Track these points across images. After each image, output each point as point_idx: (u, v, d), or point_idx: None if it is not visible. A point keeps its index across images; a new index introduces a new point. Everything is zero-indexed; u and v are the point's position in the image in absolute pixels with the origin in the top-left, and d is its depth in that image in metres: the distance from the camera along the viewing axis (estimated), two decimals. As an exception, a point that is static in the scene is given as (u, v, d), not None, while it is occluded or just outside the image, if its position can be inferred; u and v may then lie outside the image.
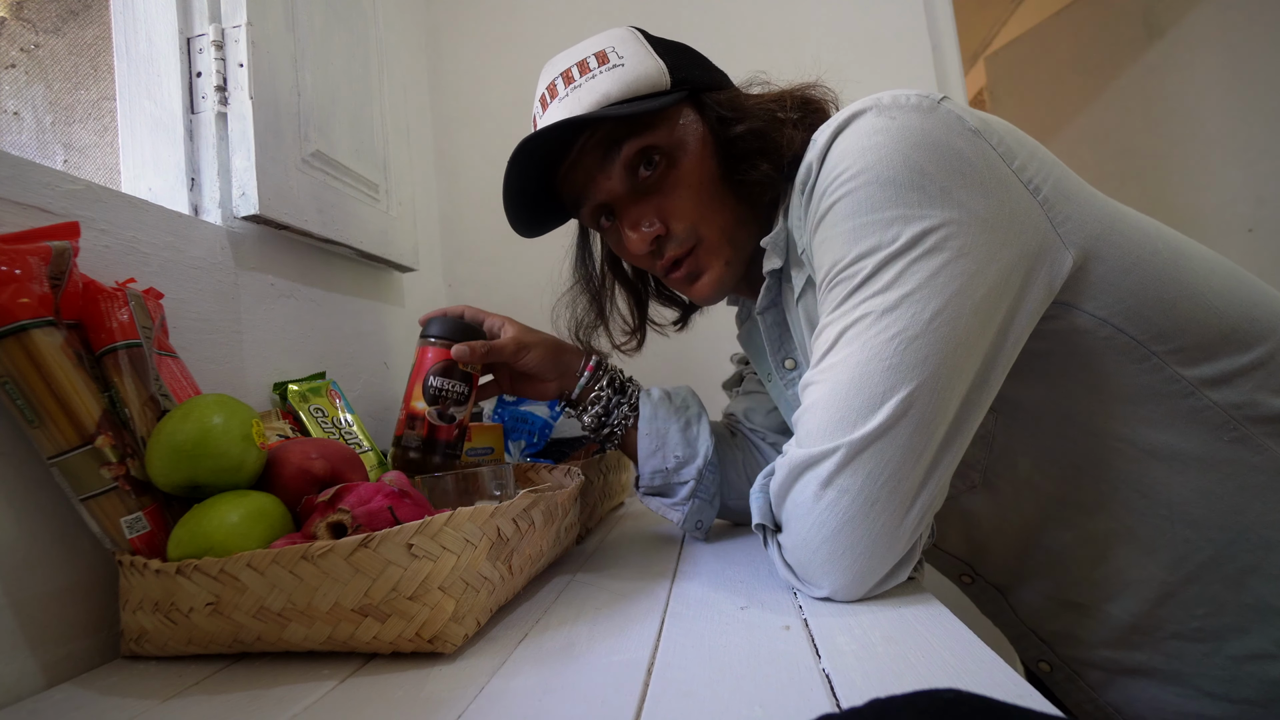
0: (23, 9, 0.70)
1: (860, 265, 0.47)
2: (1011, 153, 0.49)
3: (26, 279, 0.45)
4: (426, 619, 0.42)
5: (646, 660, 0.40)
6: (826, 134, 0.52)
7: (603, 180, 0.61)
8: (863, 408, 0.45)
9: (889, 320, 0.45)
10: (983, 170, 0.48)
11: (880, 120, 0.49)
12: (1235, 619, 0.51)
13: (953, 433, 0.46)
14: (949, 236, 0.46)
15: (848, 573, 0.46)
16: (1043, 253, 0.49)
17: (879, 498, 0.45)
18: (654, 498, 0.71)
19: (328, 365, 0.87)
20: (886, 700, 0.24)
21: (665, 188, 0.61)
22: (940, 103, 0.50)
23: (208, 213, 0.74)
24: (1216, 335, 0.50)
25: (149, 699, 0.41)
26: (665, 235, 0.61)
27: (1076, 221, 0.50)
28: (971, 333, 0.46)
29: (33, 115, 0.69)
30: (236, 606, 0.44)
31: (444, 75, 1.39)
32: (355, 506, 0.48)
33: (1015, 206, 0.48)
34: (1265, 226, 1.74)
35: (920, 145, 0.47)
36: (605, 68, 0.59)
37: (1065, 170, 0.53)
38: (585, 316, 0.76)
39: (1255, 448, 0.49)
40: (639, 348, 0.78)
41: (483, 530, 0.46)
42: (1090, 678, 0.59)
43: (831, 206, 0.49)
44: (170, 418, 0.49)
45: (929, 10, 1.28)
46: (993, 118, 0.51)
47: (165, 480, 0.48)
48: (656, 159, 0.60)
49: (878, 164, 0.47)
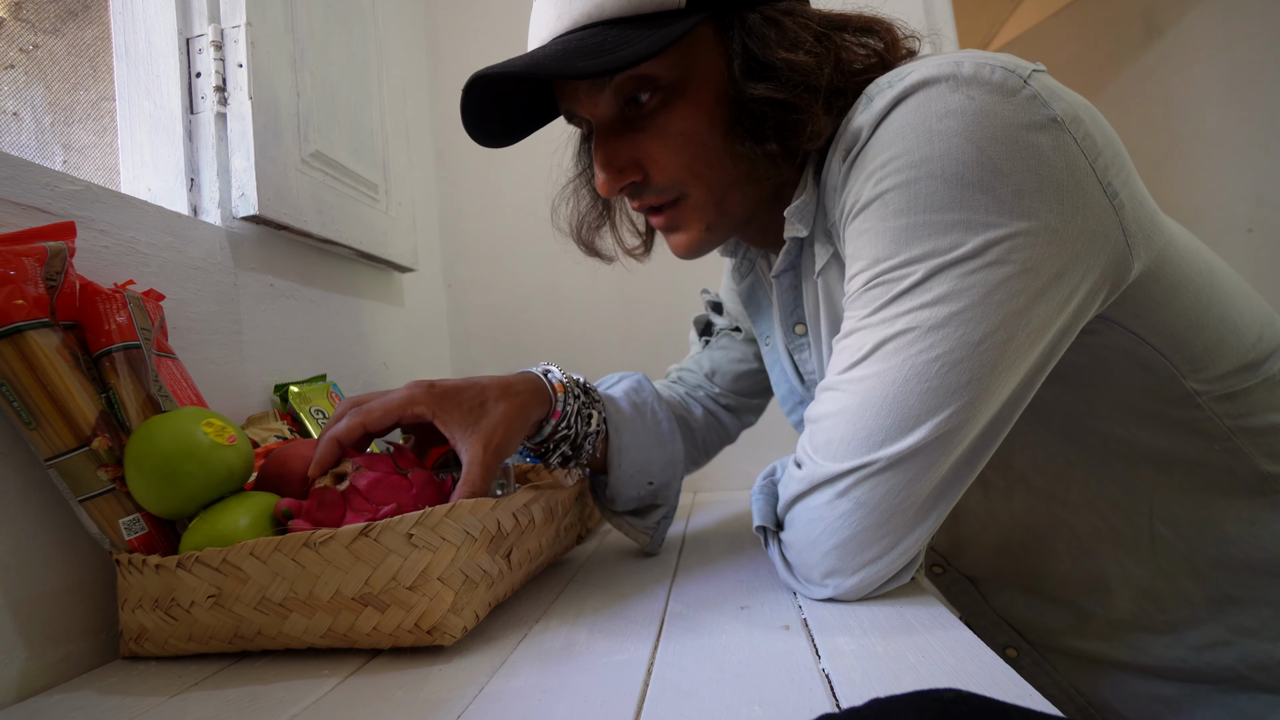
0: (22, 9, 0.70)
1: (909, 270, 0.42)
2: (1096, 149, 0.43)
3: (21, 280, 0.45)
4: (425, 609, 0.43)
5: (646, 660, 0.40)
6: (887, 97, 0.44)
7: (586, 99, 0.52)
8: (893, 429, 0.42)
9: (934, 339, 0.41)
10: (1061, 172, 0.41)
11: (956, 97, 0.41)
12: (1197, 611, 0.53)
13: (978, 448, 0.44)
14: (1015, 250, 0.41)
15: (852, 578, 0.45)
16: (1111, 266, 0.44)
17: (896, 511, 0.43)
18: (624, 516, 0.64)
19: (327, 365, 0.87)
20: (886, 700, 0.24)
21: (653, 127, 0.51)
22: (1028, 79, 0.42)
23: (207, 213, 0.74)
24: (1236, 355, 0.50)
25: (149, 699, 0.41)
26: (643, 182, 0.53)
27: (1145, 233, 0.45)
28: (1020, 354, 0.42)
29: (32, 116, 0.69)
30: (238, 598, 0.44)
31: (444, 75, 1.39)
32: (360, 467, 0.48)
33: (1091, 215, 0.42)
34: (1265, 226, 1.74)
35: (998, 138, 0.41)
36: None
37: (1135, 172, 0.47)
38: (589, 214, 0.66)
39: (1240, 456, 0.50)
40: (647, 252, 0.69)
41: (483, 523, 0.46)
42: (1056, 662, 0.61)
43: (882, 195, 0.43)
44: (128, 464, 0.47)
45: (929, 10, 1.28)
46: (1080, 102, 0.44)
47: (171, 510, 0.48)
48: (650, 91, 0.50)
49: (945, 154, 0.41)
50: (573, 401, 0.57)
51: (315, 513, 0.47)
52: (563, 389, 0.57)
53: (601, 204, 0.66)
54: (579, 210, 0.66)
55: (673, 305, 1.24)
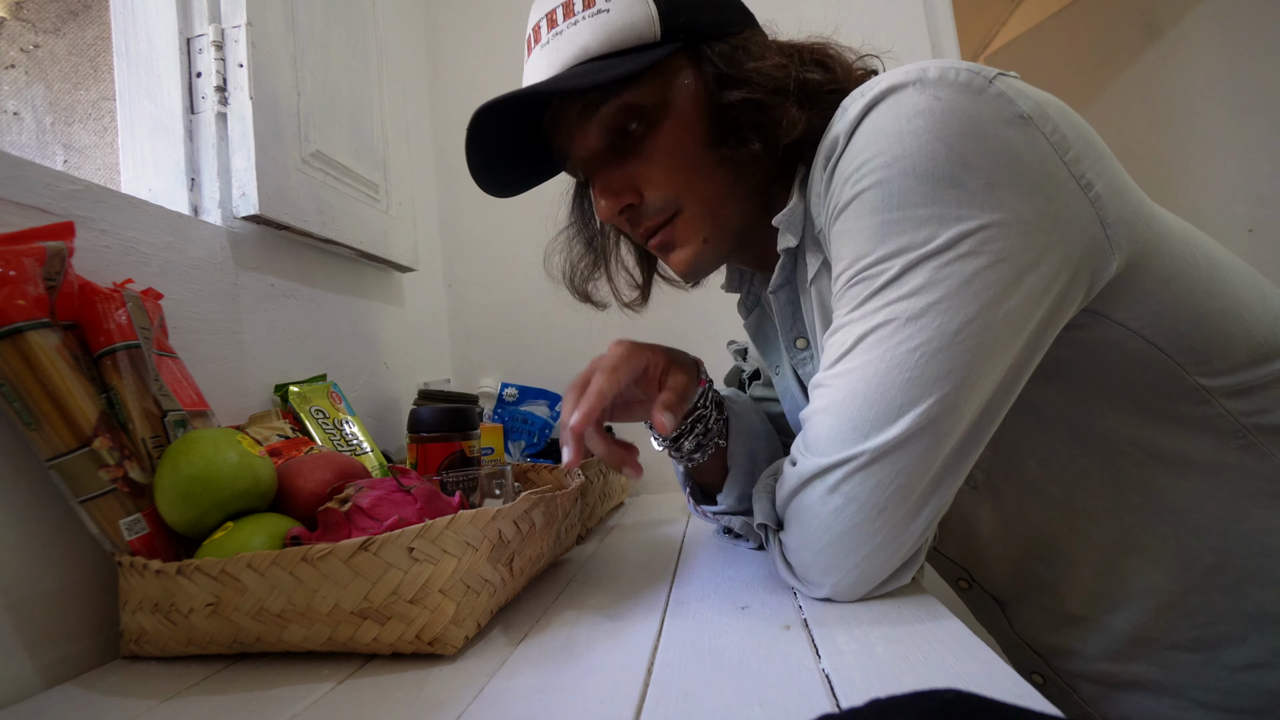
0: (23, 9, 0.70)
1: (886, 265, 0.43)
2: (1066, 143, 0.44)
3: (21, 280, 0.45)
4: (427, 622, 0.42)
5: (646, 660, 0.40)
6: (859, 105, 0.46)
7: (580, 138, 0.56)
8: (877, 420, 0.43)
9: (913, 329, 0.42)
10: (1032, 165, 0.43)
11: (923, 99, 0.43)
12: (1232, 628, 0.51)
13: (967, 442, 0.44)
14: (987, 240, 0.42)
15: (850, 575, 0.45)
16: (1088, 257, 0.44)
17: (886, 506, 0.43)
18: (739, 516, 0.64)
19: (328, 365, 0.87)
20: (886, 700, 0.24)
21: (643, 152, 0.54)
22: (993, 81, 0.44)
23: (207, 213, 0.74)
24: (1243, 348, 0.48)
25: (149, 699, 0.41)
26: (639, 204, 0.56)
27: (1128, 224, 0.46)
28: (1000, 344, 0.43)
29: (32, 115, 0.69)
30: (236, 607, 0.44)
31: (444, 75, 1.39)
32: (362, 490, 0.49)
33: (1064, 206, 0.43)
34: (1265, 226, 1.74)
35: (966, 133, 0.42)
36: (589, 12, 0.52)
37: (1118, 164, 0.48)
38: (581, 262, 0.69)
39: (1261, 455, 0.48)
40: (644, 301, 0.71)
41: (484, 533, 0.46)
42: (1085, 691, 0.58)
43: (858, 195, 0.45)
44: (163, 471, 0.49)
45: (929, 10, 1.28)
46: (1049, 98, 0.46)
47: (193, 524, 0.49)
48: (637, 120, 0.54)
49: (916, 152, 0.42)
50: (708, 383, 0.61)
51: (322, 537, 0.47)
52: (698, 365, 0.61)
53: (594, 252, 0.68)
54: (571, 259, 0.69)
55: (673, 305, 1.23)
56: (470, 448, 0.74)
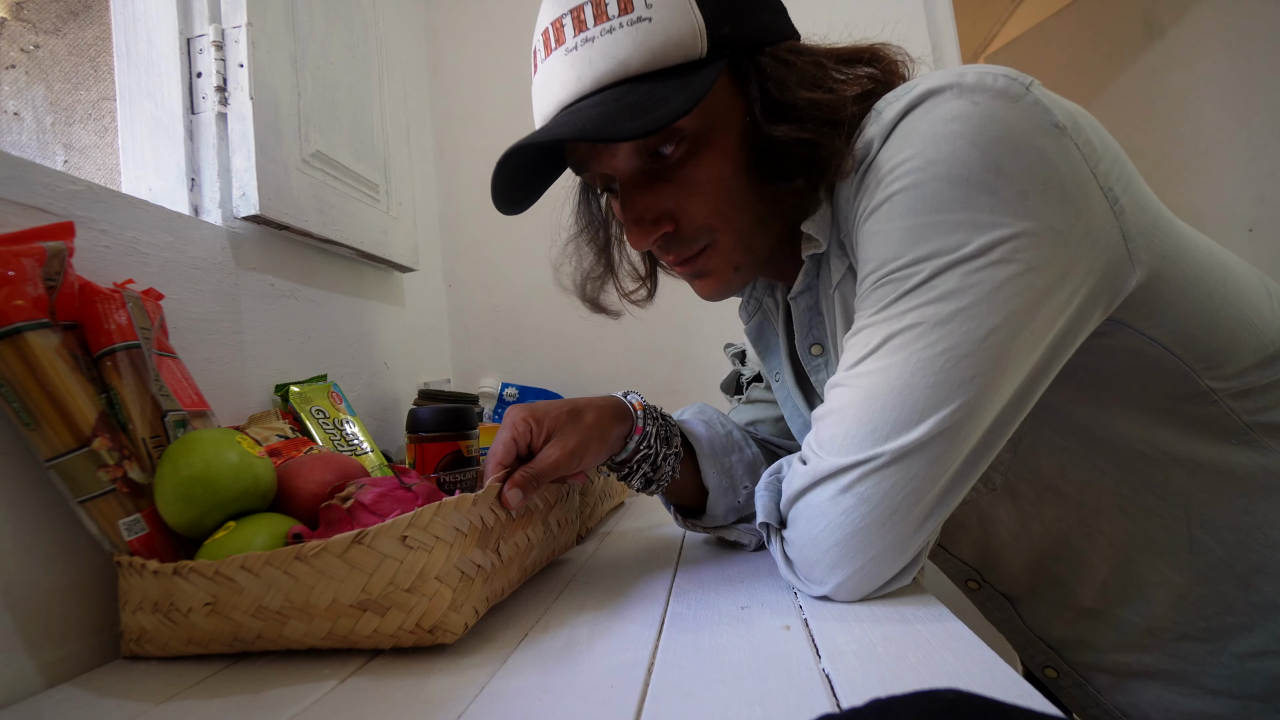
0: (23, 9, 0.70)
1: (916, 269, 0.43)
2: (1096, 155, 0.44)
3: (21, 281, 0.45)
4: (426, 609, 0.43)
5: (646, 660, 0.40)
6: (895, 109, 0.45)
7: (609, 158, 0.52)
8: (897, 423, 0.42)
9: (940, 334, 0.42)
10: (1065, 175, 0.43)
11: (961, 104, 0.43)
12: (1241, 618, 0.52)
13: (981, 449, 0.44)
14: (1019, 249, 0.42)
15: (854, 576, 0.45)
16: (1110, 271, 0.45)
17: (898, 509, 0.43)
18: (734, 527, 0.64)
19: (328, 365, 0.87)
20: (887, 700, 0.24)
21: (680, 178, 0.52)
22: (1030, 88, 0.44)
23: (208, 213, 0.74)
24: (1251, 352, 0.49)
25: (149, 699, 0.41)
26: (674, 233, 0.54)
27: (1148, 238, 0.46)
28: (1023, 353, 0.43)
29: (33, 116, 0.69)
30: (235, 606, 0.44)
31: (444, 75, 1.39)
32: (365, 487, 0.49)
33: (1092, 218, 0.44)
34: (1265, 226, 1.74)
35: (1002, 140, 0.42)
36: (626, 19, 0.47)
37: (1140, 177, 0.48)
38: (593, 269, 0.66)
39: (1264, 449, 0.50)
40: (650, 297, 0.69)
41: (469, 518, 0.46)
42: (1097, 682, 0.59)
43: (890, 197, 0.44)
44: (163, 472, 0.49)
45: (929, 10, 1.28)
46: (1078, 110, 0.46)
47: (193, 524, 0.49)
48: (674, 143, 0.50)
49: (951, 157, 0.42)
50: (652, 422, 0.58)
51: (324, 534, 0.47)
52: (641, 408, 0.59)
53: (605, 259, 0.66)
54: (582, 267, 0.66)
55: (673, 306, 1.23)
56: (468, 448, 0.75)
